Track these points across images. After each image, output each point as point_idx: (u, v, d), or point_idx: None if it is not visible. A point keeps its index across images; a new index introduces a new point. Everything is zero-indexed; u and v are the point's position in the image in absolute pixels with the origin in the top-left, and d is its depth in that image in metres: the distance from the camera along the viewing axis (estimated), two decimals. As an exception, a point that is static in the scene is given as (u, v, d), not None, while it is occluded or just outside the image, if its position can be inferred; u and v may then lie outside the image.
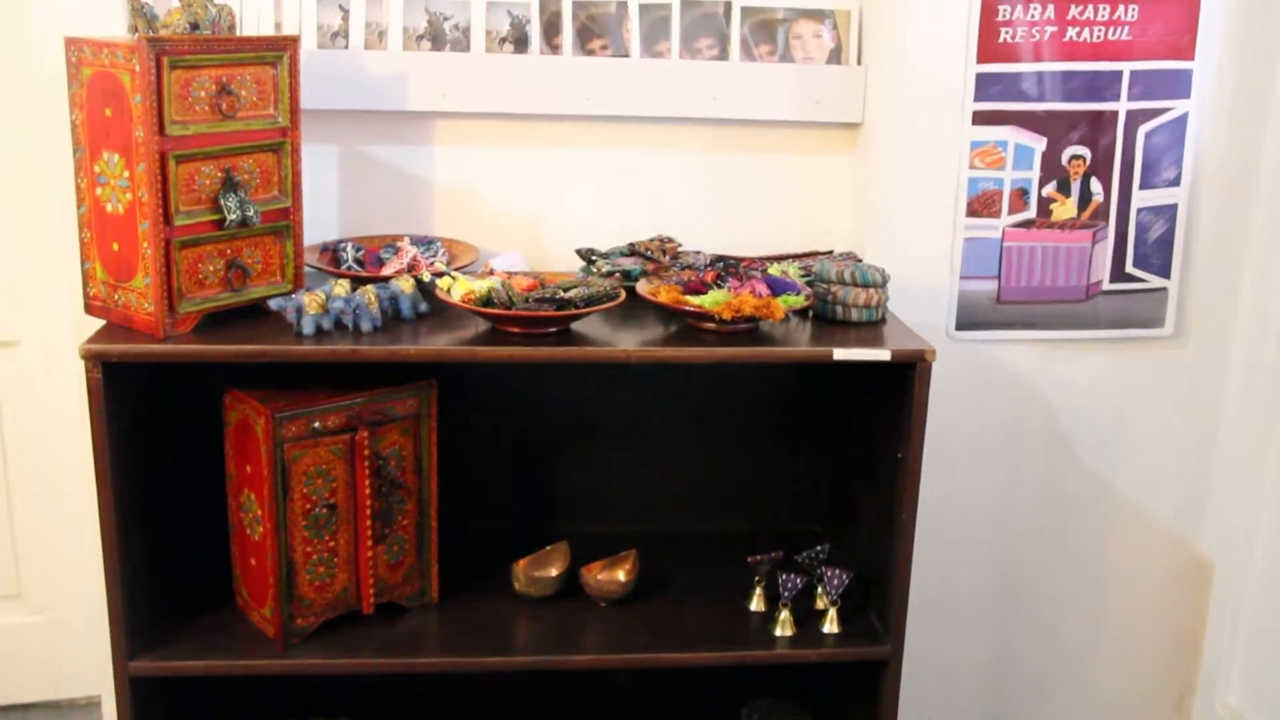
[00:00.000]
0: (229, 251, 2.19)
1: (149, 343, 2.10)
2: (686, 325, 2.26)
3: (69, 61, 2.09)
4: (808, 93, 2.61)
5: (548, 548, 2.52)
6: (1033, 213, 2.66)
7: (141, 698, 2.24)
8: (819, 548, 2.45)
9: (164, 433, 2.41)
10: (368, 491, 2.27)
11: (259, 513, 2.23)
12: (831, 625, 2.37)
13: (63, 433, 2.67)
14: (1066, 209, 2.67)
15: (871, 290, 2.33)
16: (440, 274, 2.29)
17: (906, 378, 2.20)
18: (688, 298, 2.24)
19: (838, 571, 2.35)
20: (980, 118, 2.60)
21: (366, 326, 2.18)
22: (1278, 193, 2.69)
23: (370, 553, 2.30)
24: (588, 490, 2.72)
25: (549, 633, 2.35)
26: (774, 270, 2.43)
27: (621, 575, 2.46)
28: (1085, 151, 2.64)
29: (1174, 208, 2.70)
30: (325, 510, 2.26)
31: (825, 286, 2.35)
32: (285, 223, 2.25)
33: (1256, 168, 2.70)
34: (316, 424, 2.21)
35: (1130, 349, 2.78)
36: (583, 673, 2.63)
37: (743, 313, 2.17)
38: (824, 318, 2.35)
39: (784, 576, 2.35)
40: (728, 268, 2.42)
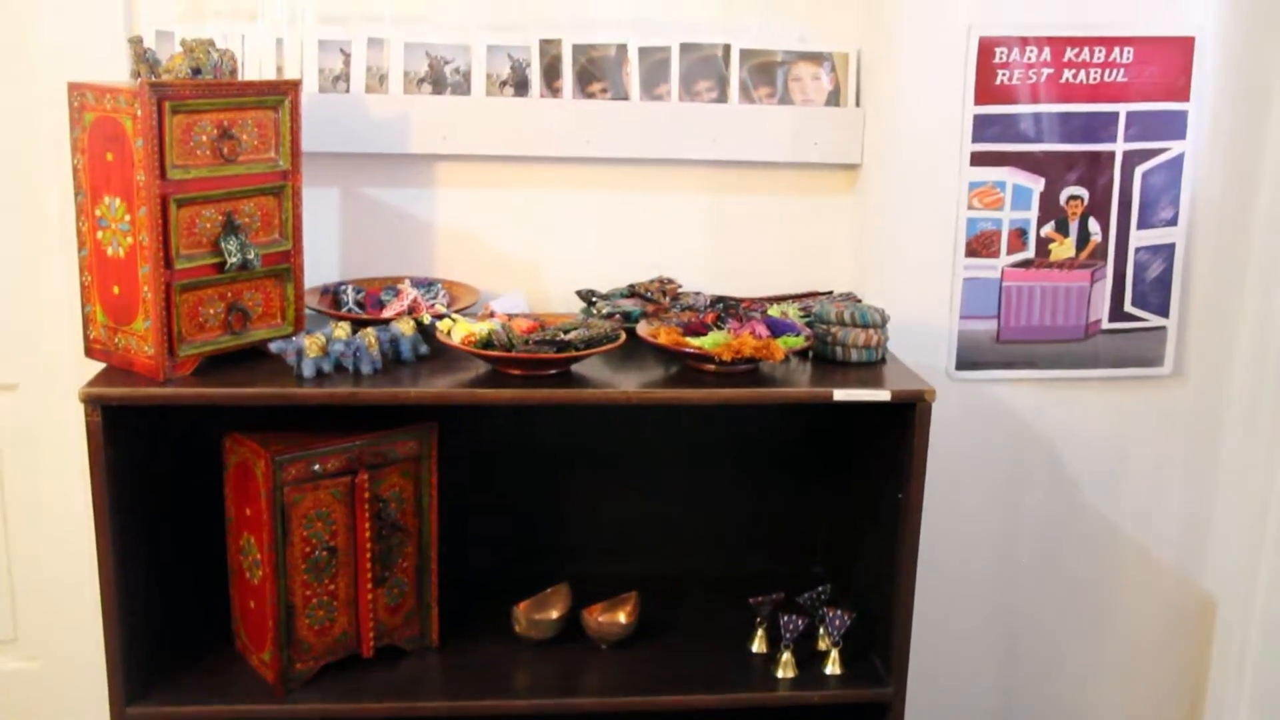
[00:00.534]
0: (229, 294, 2.19)
1: (149, 386, 2.10)
2: (687, 366, 2.27)
3: (71, 106, 2.11)
4: (807, 134, 2.62)
5: (548, 590, 2.51)
6: (1031, 253, 2.67)
7: (139, 743, 2.22)
8: (820, 589, 2.44)
9: (164, 476, 2.41)
10: (368, 534, 2.27)
11: (258, 556, 2.22)
12: (834, 667, 2.35)
13: (62, 476, 2.66)
14: (1065, 249, 2.68)
15: (871, 331, 2.33)
16: (440, 316, 2.29)
17: (907, 418, 2.20)
18: (688, 339, 2.24)
19: (839, 612, 2.34)
20: (978, 159, 2.61)
21: (367, 369, 2.18)
22: (1274, 231, 2.70)
23: (370, 596, 2.29)
24: (589, 532, 2.71)
25: (550, 676, 2.33)
26: (774, 311, 2.43)
27: (623, 617, 2.45)
28: (1083, 192, 2.65)
29: (1172, 247, 2.71)
30: (325, 553, 2.25)
31: (825, 327, 2.35)
32: (286, 265, 2.26)
33: (1253, 207, 2.71)
34: (316, 466, 2.21)
35: (1130, 388, 2.78)
36: (584, 716, 2.61)
37: (743, 354, 2.17)
38: (824, 358, 2.35)
39: (786, 618, 2.34)
40: (728, 309, 2.43)
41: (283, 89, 2.21)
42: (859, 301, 2.54)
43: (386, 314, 2.40)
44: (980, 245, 2.65)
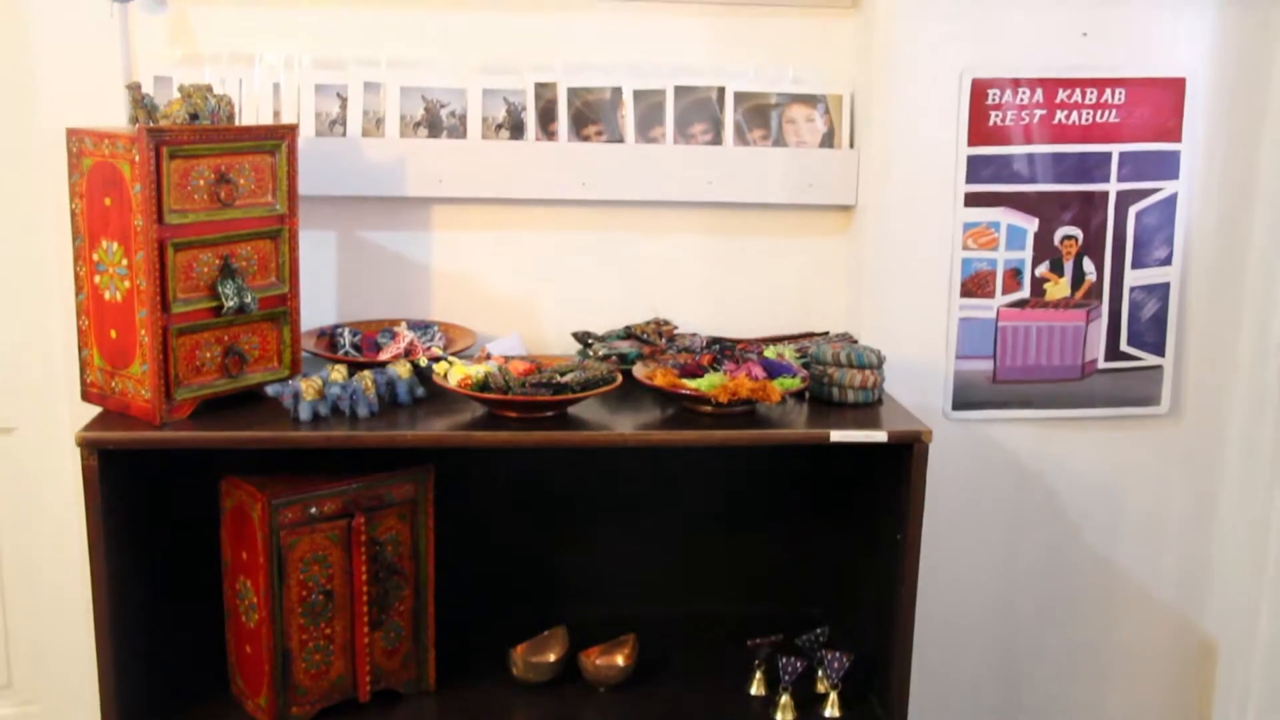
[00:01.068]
0: (226, 338, 2.20)
1: (145, 430, 2.10)
2: (683, 408, 2.27)
3: (70, 152, 2.12)
4: (801, 176, 2.63)
5: (545, 633, 2.50)
6: (1026, 292, 2.68)
7: (134, 790, 2.21)
8: (819, 630, 2.43)
9: (160, 519, 2.40)
10: (364, 577, 2.26)
11: (255, 600, 2.21)
12: (833, 709, 2.34)
13: (57, 520, 2.66)
14: (1060, 288, 2.68)
15: (867, 372, 2.33)
16: (437, 359, 2.29)
17: (904, 459, 2.20)
18: (684, 381, 2.25)
19: (838, 654, 2.33)
20: (972, 199, 2.62)
21: (363, 412, 2.18)
22: (1268, 269, 2.71)
23: (367, 639, 2.28)
24: (586, 574, 2.70)
25: (547, 719, 2.32)
26: (770, 353, 2.43)
27: (620, 660, 2.44)
28: (1077, 232, 2.66)
29: (1166, 286, 2.72)
30: (321, 597, 2.24)
31: (821, 368, 2.35)
32: (283, 309, 2.26)
33: (1246, 246, 2.73)
34: (313, 510, 2.21)
35: (1127, 427, 2.78)
36: (581, 760, 2.60)
37: (739, 396, 2.17)
38: (820, 399, 2.36)
39: (784, 660, 2.33)
40: (724, 350, 2.43)
41: (280, 134, 2.22)
42: (855, 342, 2.54)
43: (383, 356, 2.41)
44: (975, 285, 2.66)
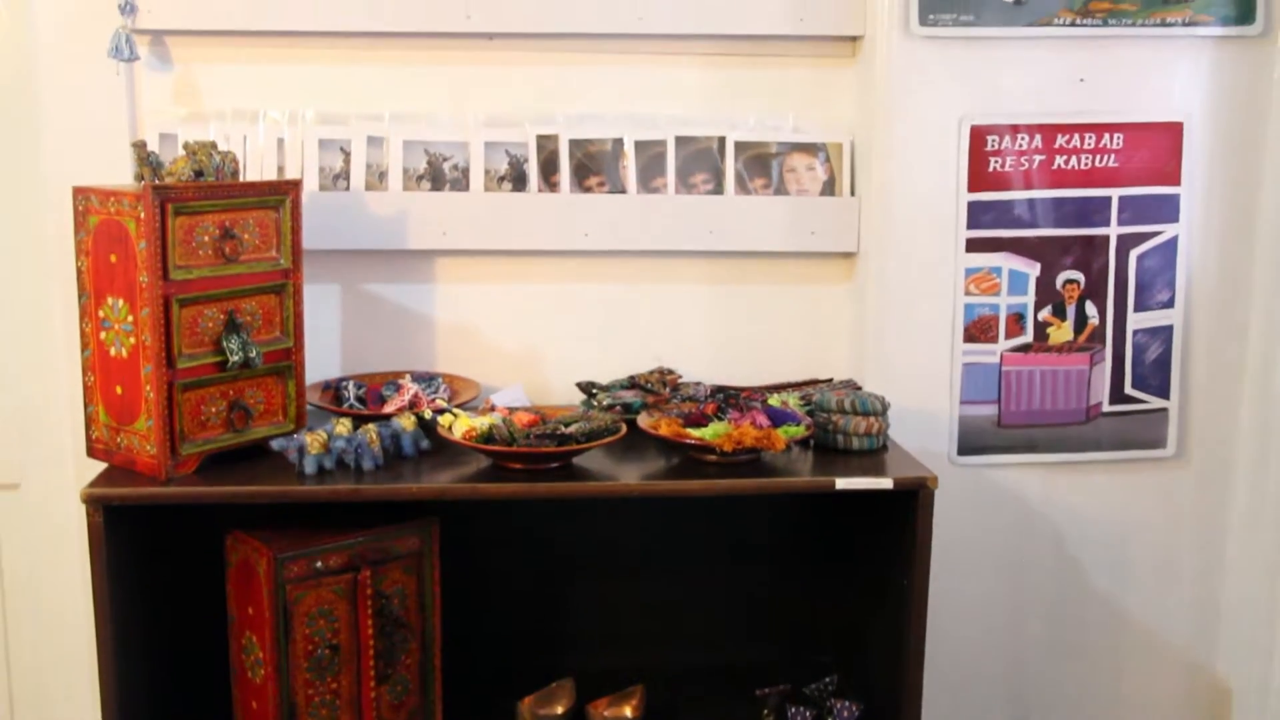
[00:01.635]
0: (231, 392, 2.20)
1: (151, 485, 2.10)
2: (688, 457, 2.27)
3: (76, 210, 2.14)
4: (803, 224, 2.64)
5: (553, 685, 2.48)
6: (1030, 337, 2.68)
7: None
8: (828, 679, 2.41)
9: (165, 575, 2.39)
10: (370, 631, 2.25)
11: (260, 655, 2.21)
12: (843, 760, 2.32)
13: (63, 576, 2.65)
14: (1063, 332, 2.69)
15: (872, 418, 2.34)
16: (441, 411, 2.30)
17: (910, 505, 2.20)
18: (689, 430, 2.25)
19: (847, 703, 2.32)
20: (974, 245, 2.63)
21: (368, 465, 2.19)
22: (1270, 311, 2.71)
23: (373, 694, 2.27)
24: (592, 624, 2.69)
25: (555, 773, 2.30)
26: (774, 401, 2.44)
27: (628, 711, 2.42)
28: (1079, 275, 2.67)
29: (1169, 329, 2.72)
30: (328, 651, 2.23)
31: (826, 415, 2.35)
32: (287, 363, 2.27)
33: (1248, 287, 2.73)
34: (319, 564, 2.20)
35: (1134, 470, 2.77)
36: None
37: (744, 444, 2.17)
38: (825, 446, 2.35)
39: (793, 709, 2.31)
40: (728, 399, 2.43)
41: (284, 189, 2.24)
42: (859, 389, 2.55)
43: (388, 409, 2.41)
44: (978, 330, 2.66)
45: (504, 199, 2.59)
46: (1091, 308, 2.69)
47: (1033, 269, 2.66)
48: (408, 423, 2.26)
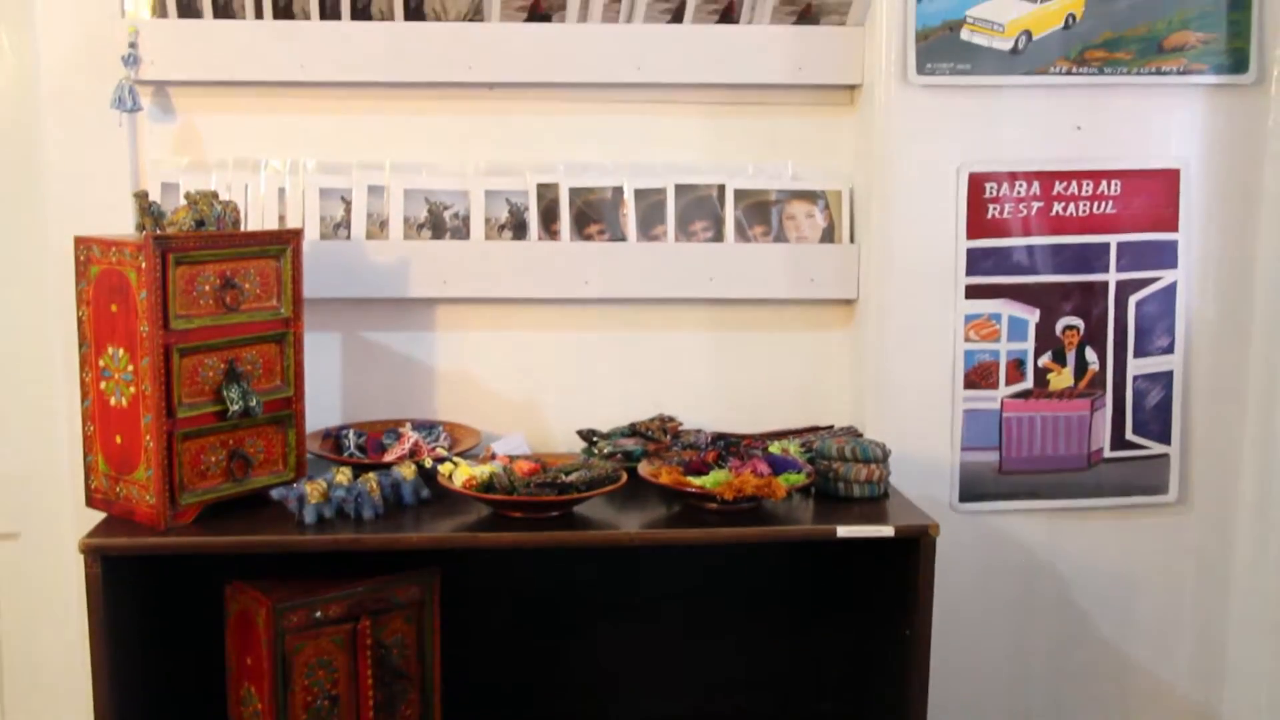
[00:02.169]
0: (231, 442, 2.20)
1: (150, 535, 2.10)
2: (689, 505, 2.26)
3: (77, 260, 2.14)
4: (802, 271, 2.65)
5: (553, 735, 2.47)
6: (1030, 383, 2.68)
7: None
8: (830, 730, 2.40)
9: (164, 625, 2.38)
10: (370, 682, 2.24)
11: (259, 706, 2.19)
12: (846, 811, 2.30)
13: (61, 626, 2.64)
14: (1063, 378, 2.69)
15: (873, 466, 2.33)
16: (442, 459, 2.29)
17: (912, 553, 2.19)
18: (689, 478, 2.24)
19: (850, 754, 2.30)
20: (973, 291, 2.64)
21: (369, 514, 2.18)
22: (1270, 357, 2.71)
23: (372, 746, 2.26)
24: (594, 674, 2.67)
25: (556, 826, 2.28)
26: (775, 448, 2.43)
27: (629, 763, 2.40)
28: (1078, 322, 2.67)
29: (1170, 374, 2.72)
30: (327, 702, 2.22)
31: (826, 463, 2.35)
32: (288, 412, 2.27)
33: (1248, 333, 2.73)
34: (318, 614, 2.19)
35: (1136, 516, 2.76)
36: None
37: (745, 493, 2.17)
38: (826, 494, 2.35)
39: (796, 761, 2.30)
40: (729, 447, 2.43)
41: (285, 238, 2.25)
42: (860, 436, 2.54)
43: (388, 458, 2.40)
44: (979, 377, 2.67)
45: (504, 247, 2.59)
46: (1091, 354, 2.69)
47: (1032, 315, 2.66)
48: (408, 471, 2.26)
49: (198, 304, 2.12)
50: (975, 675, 2.76)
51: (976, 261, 2.63)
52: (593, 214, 2.62)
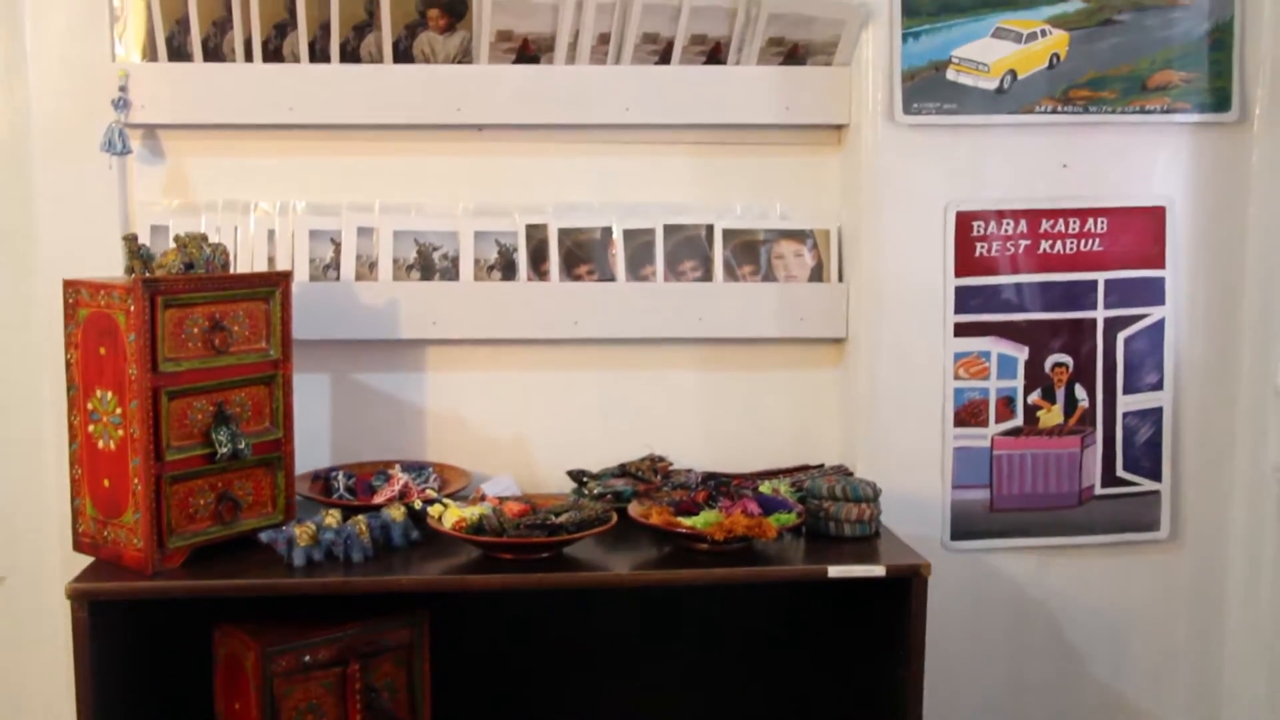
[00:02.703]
0: (220, 484, 2.19)
1: (137, 579, 2.09)
2: (680, 546, 2.25)
3: (66, 303, 2.14)
4: (792, 310, 2.66)
5: (545, 779, 2.45)
6: (1020, 420, 2.68)
7: None
8: (823, 771, 2.38)
9: (152, 669, 2.36)
10: (359, 726, 2.22)
11: (247, 752, 2.17)
12: None
13: (48, 671, 2.62)
14: (1053, 416, 2.69)
15: (863, 505, 2.33)
16: (431, 501, 2.29)
17: (903, 592, 2.18)
18: (680, 519, 2.24)
19: (844, 796, 2.28)
20: (962, 329, 2.65)
21: (358, 557, 2.17)
22: (1258, 392, 2.72)
23: (361, 791, 2.24)
24: (585, 716, 2.65)
25: None
26: (765, 488, 2.43)
27: (621, 806, 2.38)
28: (1067, 359, 2.68)
29: (1159, 411, 2.73)
30: (315, 747, 2.20)
31: (817, 502, 2.35)
32: (276, 454, 2.26)
33: (1236, 369, 2.74)
34: (307, 657, 2.18)
35: (1128, 553, 2.76)
36: None
37: (735, 533, 2.16)
38: (817, 534, 2.34)
39: (789, 803, 2.28)
40: (719, 486, 2.43)
41: (274, 280, 2.25)
42: (850, 475, 2.54)
43: (378, 499, 2.40)
44: (969, 414, 2.67)
45: (494, 288, 2.60)
46: (1081, 391, 2.69)
47: (1021, 353, 2.67)
48: (397, 514, 2.25)
49: (186, 346, 2.12)
50: (969, 714, 2.75)
51: (965, 299, 2.64)
52: (582, 254, 2.63)
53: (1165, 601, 2.80)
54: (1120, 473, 2.73)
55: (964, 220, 2.62)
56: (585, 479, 2.51)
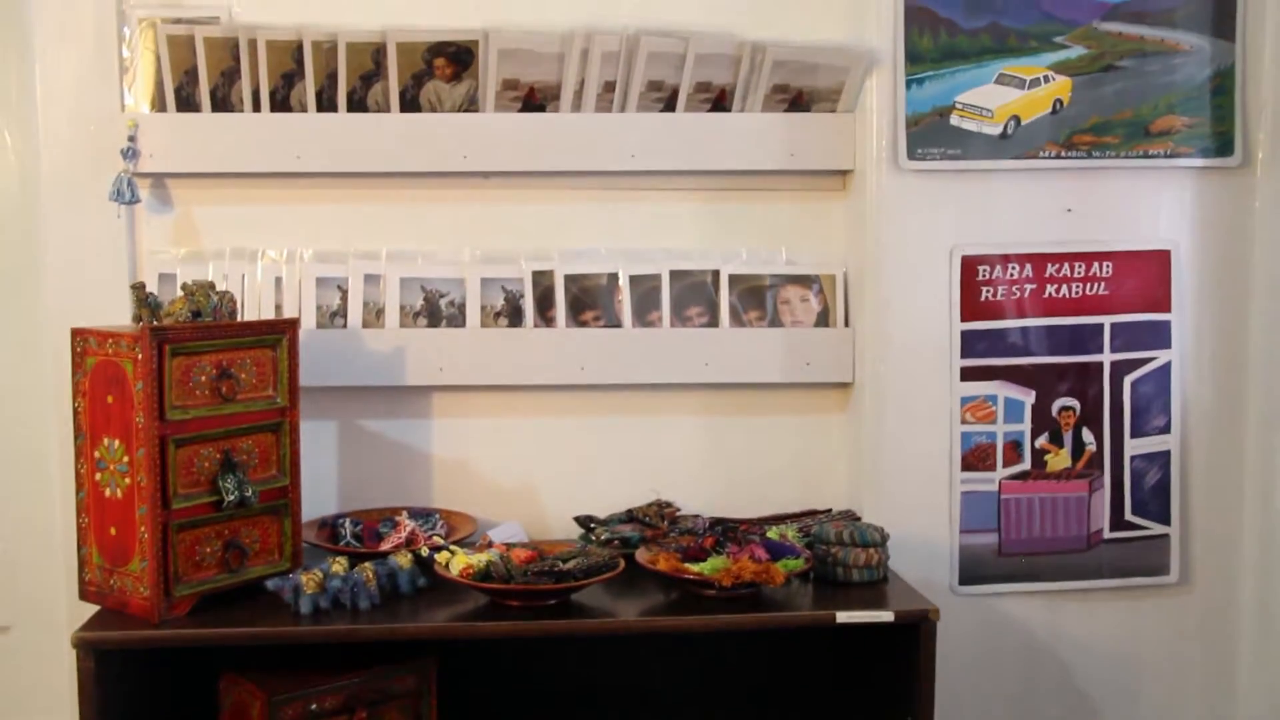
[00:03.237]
0: (227, 532, 2.19)
1: (143, 628, 2.08)
2: (687, 592, 2.25)
3: (74, 351, 2.15)
4: (798, 355, 2.66)
5: (552, 828, 2.43)
6: (1027, 464, 2.68)
7: None
8: (834, 820, 2.36)
9: (158, 718, 2.35)
10: (365, 776, 2.20)
11: (253, 803, 2.16)
12: None
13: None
14: (1061, 459, 2.68)
15: (871, 550, 2.32)
16: (438, 548, 2.28)
17: (912, 637, 2.17)
18: (687, 565, 2.23)
19: (855, 846, 2.26)
20: (969, 373, 2.65)
21: (365, 604, 2.17)
22: (1266, 435, 2.71)
23: (368, 842, 2.22)
24: (592, 764, 2.64)
25: None
26: (773, 533, 2.42)
27: None
28: (1074, 403, 2.68)
29: (1167, 454, 2.72)
30: (321, 798, 2.18)
31: (825, 548, 2.34)
32: (283, 501, 2.26)
33: (1243, 412, 2.74)
34: (314, 706, 2.17)
35: (1138, 597, 2.75)
36: None
37: (743, 579, 2.16)
38: (825, 579, 2.34)
39: None
40: (726, 532, 2.42)
41: (281, 328, 2.26)
42: (858, 520, 2.53)
43: (385, 546, 2.39)
44: (976, 459, 2.66)
45: (500, 334, 2.60)
46: (1088, 434, 2.69)
47: (1028, 396, 2.67)
48: (404, 560, 2.25)
49: (194, 394, 2.12)
50: (980, 761, 2.73)
51: (971, 343, 2.64)
52: (588, 300, 2.63)
53: (1176, 646, 2.78)
54: (1129, 516, 2.72)
55: (969, 264, 2.62)
56: (592, 525, 2.51)
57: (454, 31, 2.52)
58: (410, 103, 2.55)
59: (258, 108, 2.52)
